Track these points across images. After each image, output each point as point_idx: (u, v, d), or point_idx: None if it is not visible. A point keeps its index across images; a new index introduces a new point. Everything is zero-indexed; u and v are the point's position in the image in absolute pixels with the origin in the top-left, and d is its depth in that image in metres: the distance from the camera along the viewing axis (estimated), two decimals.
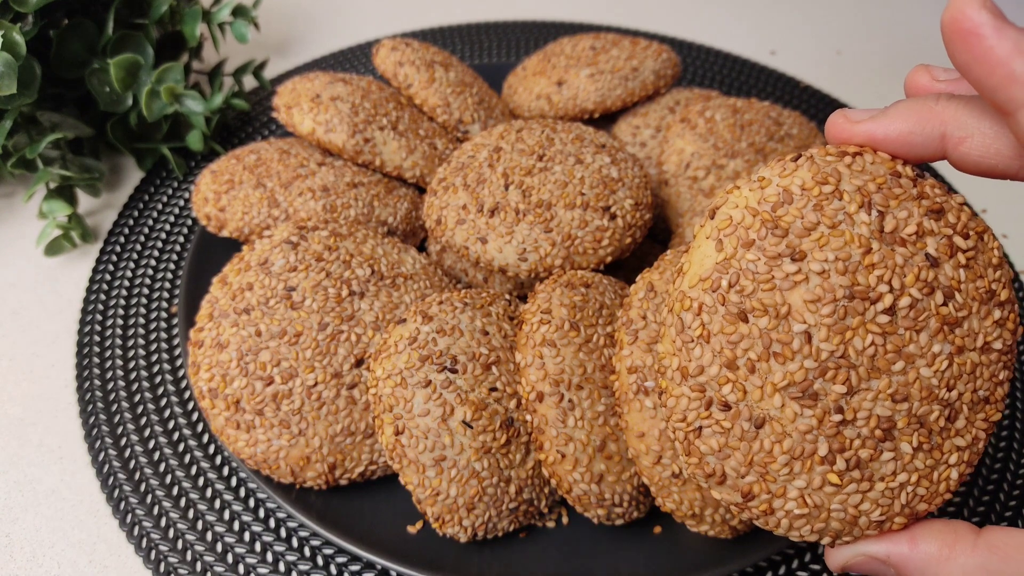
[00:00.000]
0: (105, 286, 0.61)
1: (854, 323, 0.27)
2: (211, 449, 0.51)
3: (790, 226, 0.28)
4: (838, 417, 0.27)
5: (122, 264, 0.62)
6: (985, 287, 0.28)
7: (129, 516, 0.48)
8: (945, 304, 0.28)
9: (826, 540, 0.30)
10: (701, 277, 0.29)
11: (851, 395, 0.27)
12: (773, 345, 0.27)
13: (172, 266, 0.62)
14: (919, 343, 0.27)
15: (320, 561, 0.46)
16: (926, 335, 0.27)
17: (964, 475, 0.29)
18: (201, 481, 0.49)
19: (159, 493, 0.49)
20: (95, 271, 0.62)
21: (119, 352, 0.56)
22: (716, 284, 0.28)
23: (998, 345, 0.28)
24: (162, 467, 0.50)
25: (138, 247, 0.64)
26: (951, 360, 0.28)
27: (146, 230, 0.65)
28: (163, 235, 0.65)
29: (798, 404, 0.27)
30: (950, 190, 0.30)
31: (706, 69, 0.87)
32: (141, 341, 0.57)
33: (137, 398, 0.53)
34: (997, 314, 0.28)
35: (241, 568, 0.46)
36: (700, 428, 0.29)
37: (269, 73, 0.81)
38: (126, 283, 0.61)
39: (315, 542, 0.47)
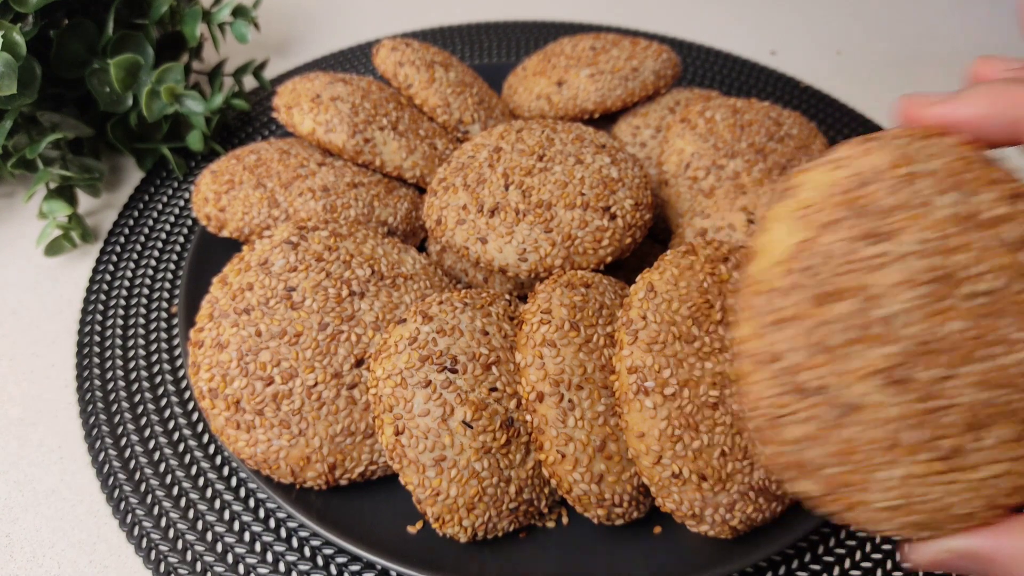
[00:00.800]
0: (105, 286, 0.61)
1: (941, 307, 0.26)
2: (211, 449, 0.51)
3: (869, 207, 0.27)
4: (926, 405, 0.26)
5: (122, 264, 0.62)
6: None
7: (129, 516, 0.48)
8: None
9: (911, 535, 0.29)
10: (778, 260, 0.28)
11: (940, 382, 0.26)
12: (858, 330, 0.26)
13: (172, 266, 0.62)
14: (1006, 329, 0.26)
15: (320, 561, 0.46)
16: (1011, 320, 0.26)
17: None
18: (201, 481, 0.49)
19: (159, 493, 0.49)
20: (95, 271, 0.62)
21: (119, 352, 0.56)
22: (795, 267, 0.27)
23: None
24: (162, 467, 0.50)
25: (138, 247, 0.64)
26: None
27: (146, 230, 0.65)
28: (163, 235, 0.65)
29: (885, 391, 0.26)
30: None
31: (706, 69, 0.87)
32: (141, 341, 0.57)
33: (137, 398, 0.53)
34: None
35: (241, 568, 0.46)
36: (781, 416, 0.28)
37: (269, 73, 0.81)
38: (126, 283, 0.61)
39: (315, 542, 0.47)
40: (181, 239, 0.65)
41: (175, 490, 0.49)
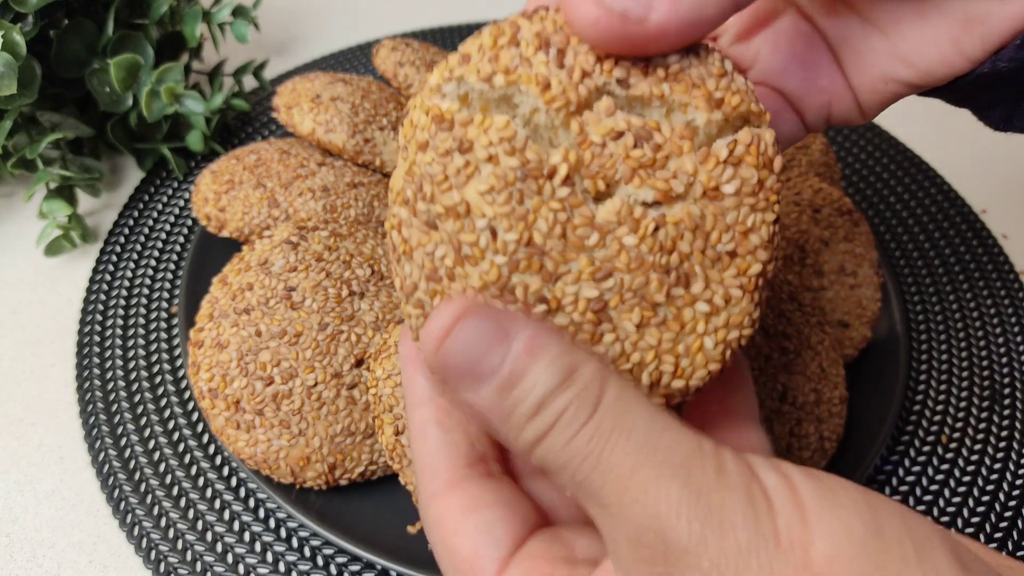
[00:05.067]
0: (105, 286, 0.61)
1: (533, 204, 0.24)
2: (211, 449, 0.51)
3: (455, 114, 0.24)
4: (542, 308, 0.24)
5: (122, 264, 0.62)
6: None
7: (129, 516, 0.48)
8: (638, 146, 0.23)
9: None
10: (396, 191, 0.26)
11: (551, 283, 0.24)
12: (463, 248, 0.24)
13: (172, 266, 0.62)
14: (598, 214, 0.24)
15: (320, 561, 0.46)
16: (596, 205, 0.24)
17: (728, 340, 0.25)
18: (201, 481, 0.49)
19: (159, 493, 0.49)
20: (95, 271, 0.62)
21: (119, 352, 0.56)
22: (405, 196, 0.25)
23: (730, 187, 0.24)
24: (162, 467, 0.50)
25: (138, 247, 0.64)
26: (662, 218, 0.24)
27: (146, 230, 0.65)
28: (163, 235, 0.65)
29: (501, 303, 0.24)
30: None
31: None
32: (141, 341, 0.57)
33: (137, 398, 0.53)
34: (724, 152, 0.24)
35: (241, 568, 0.46)
36: None
37: (269, 73, 0.81)
38: (126, 283, 0.61)
39: (315, 542, 0.47)
40: (181, 239, 0.64)
41: (175, 490, 0.49)
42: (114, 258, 0.63)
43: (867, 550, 0.19)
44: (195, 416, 0.53)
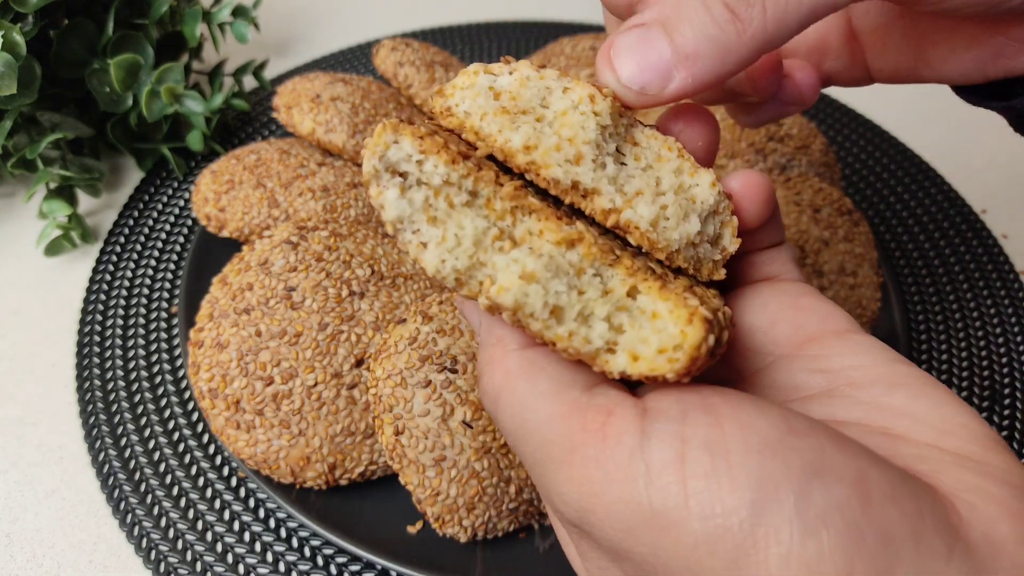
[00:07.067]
0: (105, 286, 0.61)
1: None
2: (211, 449, 0.51)
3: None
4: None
5: (122, 264, 0.62)
6: None
7: (129, 516, 0.48)
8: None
9: None
10: None
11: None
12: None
13: (172, 266, 0.62)
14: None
15: (320, 561, 0.46)
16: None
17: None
18: (201, 481, 0.49)
19: (159, 493, 0.49)
20: (95, 271, 0.62)
21: (119, 352, 0.56)
22: None
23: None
24: (162, 467, 0.50)
25: (138, 247, 0.64)
26: None
27: (146, 230, 0.65)
28: (163, 235, 0.65)
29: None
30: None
31: None
32: (141, 341, 0.57)
33: (137, 398, 0.53)
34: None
35: (241, 568, 0.46)
36: None
37: (269, 73, 0.81)
38: (126, 283, 0.61)
39: (315, 542, 0.47)
40: (181, 239, 0.64)
41: (175, 490, 0.49)
42: (114, 258, 0.63)
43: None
44: (195, 416, 0.52)
